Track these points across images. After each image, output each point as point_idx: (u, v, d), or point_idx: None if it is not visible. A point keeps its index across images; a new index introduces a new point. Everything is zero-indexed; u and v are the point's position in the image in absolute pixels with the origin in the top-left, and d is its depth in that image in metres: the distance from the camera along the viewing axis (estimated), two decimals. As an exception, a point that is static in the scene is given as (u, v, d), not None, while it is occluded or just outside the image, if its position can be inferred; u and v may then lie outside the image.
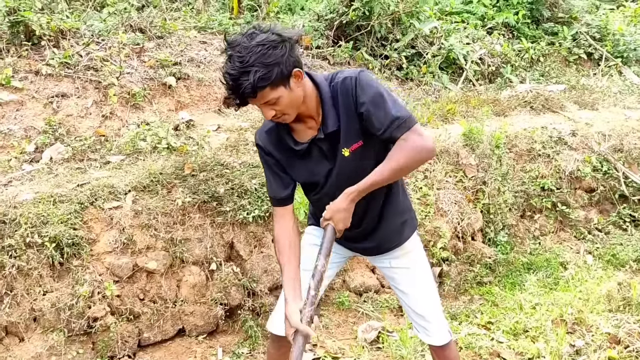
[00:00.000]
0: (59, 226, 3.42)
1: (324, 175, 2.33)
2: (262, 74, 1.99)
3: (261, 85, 2.00)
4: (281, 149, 2.33)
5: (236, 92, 2.03)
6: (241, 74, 1.99)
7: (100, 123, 4.83)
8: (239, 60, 2.00)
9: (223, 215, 3.91)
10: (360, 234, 2.51)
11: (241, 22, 7.22)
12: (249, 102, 2.07)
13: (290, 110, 2.14)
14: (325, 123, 2.23)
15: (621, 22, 9.48)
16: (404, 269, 2.60)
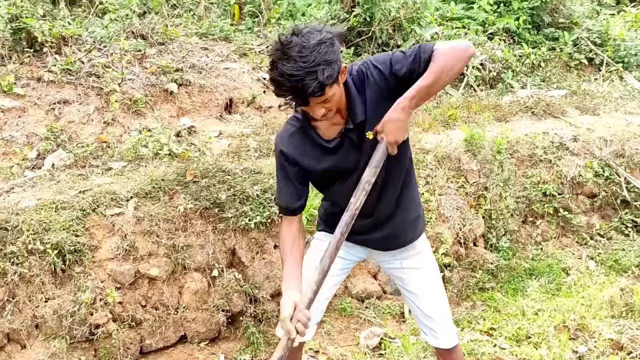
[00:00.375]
0: (60, 233, 3.43)
1: (354, 162, 2.34)
2: (329, 72, 1.99)
3: (328, 83, 2.00)
4: (308, 151, 2.31)
5: (300, 92, 2.00)
6: (307, 74, 1.96)
7: (102, 129, 4.84)
8: (302, 61, 1.97)
9: (225, 221, 3.91)
10: (374, 223, 2.48)
11: (242, 29, 7.25)
12: (310, 103, 2.06)
13: (336, 106, 2.16)
14: (354, 112, 2.24)
15: (622, 27, 9.48)
16: (414, 269, 2.59)
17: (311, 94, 2.00)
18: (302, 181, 2.38)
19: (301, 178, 2.37)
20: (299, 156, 2.32)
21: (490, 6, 8.50)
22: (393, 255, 2.61)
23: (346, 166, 2.35)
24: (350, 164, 2.35)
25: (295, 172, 2.35)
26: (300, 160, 2.32)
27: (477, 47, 7.65)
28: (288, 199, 2.39)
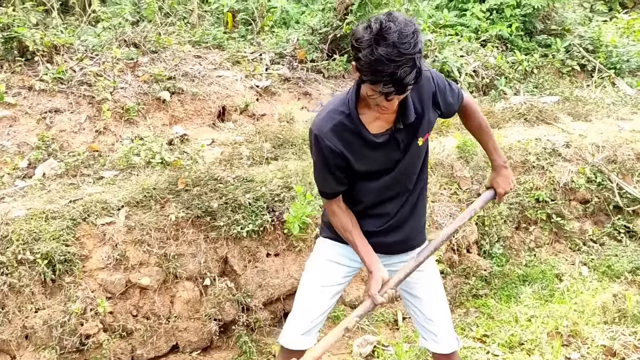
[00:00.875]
0: (51, 243, 3.41)
1: (393, 163, 2.36)
2: (422, 67, 2.00)
3: (420, 78, 2.03)
4: (352, 142, 2.28)
5: (399, 79, 1.95)
6: (407, 61, 1.93)
7: (94, 138, 4.83)
8: (402, 47, 1.92)
9: (217, 230, 3.90)
10: (393, 226, 2.50)
11: (235, 36, 7.25)
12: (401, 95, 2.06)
13: None
14: (405, 114, 2.24)
15: (614, 34, 9.53)
16: (419, 272, 2.56)
17: (409, 83, 1.98)
18: (343, 172, 2.35)
19: (343, 169, 2.34)
20: (345, 149, 2.27)
21: (482, 13, 8.53)
22: (399, 259, 2.60)
23: (386, 165, 2.37)
24: (391, 163, 2.37)
25: (338, 164, 2.31)
26: (345, 153, 2.28)
27: (470, 54, 7.68)
28: (334, 186, 2.40)
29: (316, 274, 2.58)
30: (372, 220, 2.50)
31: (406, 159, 2.37)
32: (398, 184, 2.43)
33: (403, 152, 2.35)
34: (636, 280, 4.70)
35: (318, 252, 2.66)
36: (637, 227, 5.27)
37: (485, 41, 8.18)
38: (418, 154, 2.41)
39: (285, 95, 6.14)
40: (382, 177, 2.40)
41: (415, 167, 2.44)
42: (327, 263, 2.59)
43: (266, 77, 6.23)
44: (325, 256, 2.60)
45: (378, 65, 1.94)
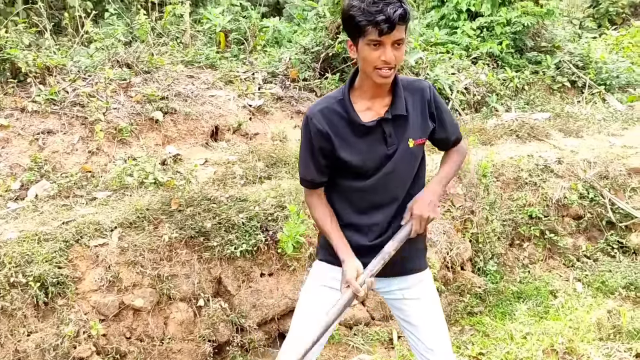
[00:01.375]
0: (43, 265, 3.39)
1: (379, 160, 2.34)
2: (409, 10, 2.16)
3: (408, 17, 2.15)
4: (338, 127, 2.32)
5: (391, 14, 2.08)
6: (397, 2, 2.10)
7: (87, 159, 4.83)
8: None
9: (210, 250, 3.88)
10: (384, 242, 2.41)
11: (228, 56, 7.29)
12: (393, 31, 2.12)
13: (397, 66, 2.23)
14: (395, 106, 2.30)
15: (603, 50, 9.65)
16: (416, 300, 2.51)
17: (400, 17, 2.10)
18: (326, 157, 2.36)
19: (326, 154, 2.35)
20: (331, 131, 2.31)
21: (473, 31, 8.63)
22: (397, 284, 2.52)
23: (372, 161, 2.34)
24: (376, 159, 2.34)
25: (322, 147, 2.34)
26: (331, 135, 2.32)
27: (462, 72, 7.75)
28: (314, 173, 2.40)
29: (311, 301, 2.48)
30: (362, 233, 2.43)
31: (395, 159, 2.33)
32: (386, 190, 2.37)
33: (390, 148, 2.32)
34: (630, 296, 4.71)
35: (313, 276, 2.59)
36: (630, 243, 5.28)
37: (476, 59, 8.26)
38: (408, 158, 2.36)
39: (278, 114, 6.16)
40: (368, 177, 2.36)
41: (406, 174, 2.38)
42: (322, 289, 2.50)
43: (259, 96, 6.25)
44: (320, 281, 2.53)
45: (369, 6, 2.10)
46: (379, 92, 2.32)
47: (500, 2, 8.62)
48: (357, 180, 2.39)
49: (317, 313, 2.42)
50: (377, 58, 2.17)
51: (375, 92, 2.32)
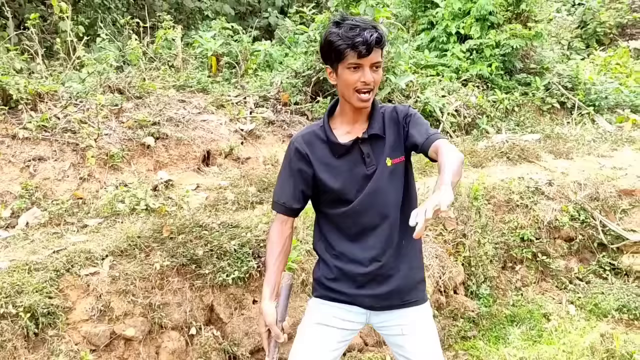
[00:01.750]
0: (34, 295, 3.35)
1: (359, 181, 2.37)
2: (384, 35, 2.26)
3: (384, 42, 2.26)
4: (318, 150, 2.39)
5: (368, 38, 2.18)
6: (372, 26, 2.22)
7: (78, 185, 4.81)
8: (361, 20, 2.25)
9: (202, 278, 3.86)
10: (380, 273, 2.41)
11: (219, 80, 7.32)
12: (370, 54, 2.21)
13: (376, 88, 2.31)
14: (372, 126, 2.38)
15: (591, 71, 9.76)
16: (415, 335, 2.47)
17: (376, 41, 2.20)
18: (305, 183, 2.42)
19: (303, 177, 2.41)
20: (310, 152, 2.39)
21: (463, 53, 8.71)
22: (396, 320, 2.48)
23: (350, 184, 2.37)
24: (355, 182, 2.37)
25: (300, 168, 2.40)
26: (310, 157, 2.39)
27: (452, 94, 7.81)
28: (288, 196, 2.44)
29: (307, 340, 2.45)
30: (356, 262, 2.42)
31: (375, 178, 2.35)
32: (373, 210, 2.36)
33: (369, 169, 2.36)
34: (623, 319, 4.72)
35: (308, 313, 2.56)
36: (622, 264, 5.29)
37: (466, 81, 8.33)
38: (390, 177, 2.37)
39: (270, 138, 6.17)
40: (352, 200, 2.37)
41: (391, 193, 2.37)
42: (317, 327, 2.46)
43: (250, 120, 6.27)
44: (316, 319, 2.49)
45: (347, 32, 2.20)
46: (358, 117, 2.39)
47: (489, 25, 8.72)
48: (342, 205, 2.40)
49: (313, 352, 2.40)
50: (356, 80, 2.25)
51: (355, 117, 2.39)
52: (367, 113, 2.40)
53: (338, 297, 2.47)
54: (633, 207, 5.48)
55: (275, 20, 12.12)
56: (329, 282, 2.48)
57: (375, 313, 2.50)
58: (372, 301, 2.45)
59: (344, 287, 2.45)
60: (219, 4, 11.98)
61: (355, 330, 2.56)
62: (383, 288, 2.43)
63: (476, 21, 8.71)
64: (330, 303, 2.48)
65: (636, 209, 5.46)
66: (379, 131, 2.37)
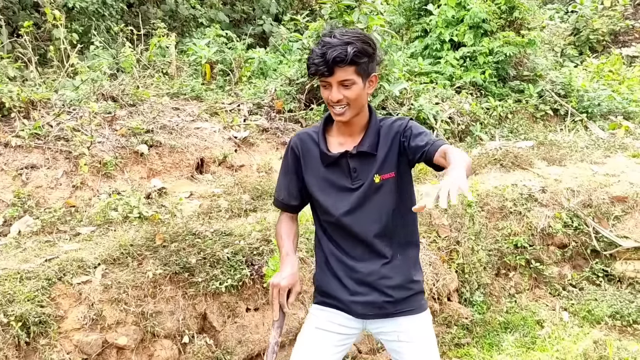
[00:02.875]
0: (25, 304, 3.34)
1: (340, 192, 2.40)
2: (358, 51, 2.20)
3: (353, 59, 2.20)
4: (310, 152, 2.46)
5: (328, 57, 2.18)
6: (341, 44, 2.18)
7: (71, 193, 4.79)
8: (339, 35, 2.22)
9: (195, 286, 3.85)
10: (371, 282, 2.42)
11: (213, 87, 7.32)
12: (333, 73, 2.21)
13: (353, 105, 2.29)
14: (363, 143, 2.38)
15: (584, 78, 9.80)
16: (411, 342, 2.47)
17: (335, 60, 2.18)
18: (296, 179, 2.50)
19: (296, 176, 2.50)
20: (302, 152, 2.47)
21: (456, 61, 8.74)
22: (391, 327, 2.49)
23: (331, 193, 2.41)
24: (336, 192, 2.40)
25: (294, 167, 2.49)
26: (300, 156, 2.47)
27: (446, 101, 7.83)
28: (286, 195, 2.53)
29: (306, 345, 2.49)
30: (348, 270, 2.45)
31: (360, 194, 2.37)
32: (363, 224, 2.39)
33: (355, 183, 2.38)
34: (616, 325, 4.73)
35: (308, 319, 2.60)
36: (615, 271, 5.31)
37: (459, 88, 8.36)
38: (378, 193, 2.37)
39: (264, 145, 6.17)
40: (337, 211, 2.40)
41: (376, 210, 2.37)
42: (316, 332, 2.50)
43: (244, 127, 6.27)
44: (314, 324, 2.53)
45: (317, 51, 2.23)
46: (352, 129, 2.41)
47: (482, 33, 8.75)
48: (329, 215, 2.44)
49: (312, 356, 2.42)
50: (327, 97, 2.29)
51: (344, 130, 2.42)
52: (362, 126, 2.40)
53: (333, 302, 2.51)
54: (626, 214, 5.50)
55: (270, 27, 12.13)
56: (324, 288, 2.54)
57: (370, 320, 2.51)
58: (364, 309, 2.46)
59: (337, 293, 2.48)
60: (214, 12, 11.99)
61: (352, 335, 2.57)
62: (374, 297, 2.44)
63: (469, 29, 8.74)
64: (327, 309, 2.52)
65: (629, 215, 5.48)
66: (369, 149, 2.37)
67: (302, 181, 2.49)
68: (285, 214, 2.60)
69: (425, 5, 9.55)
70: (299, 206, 2.56)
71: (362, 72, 2.25)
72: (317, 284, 2.59)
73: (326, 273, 2.51)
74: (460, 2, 8.82)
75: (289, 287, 2.38)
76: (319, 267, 2.58)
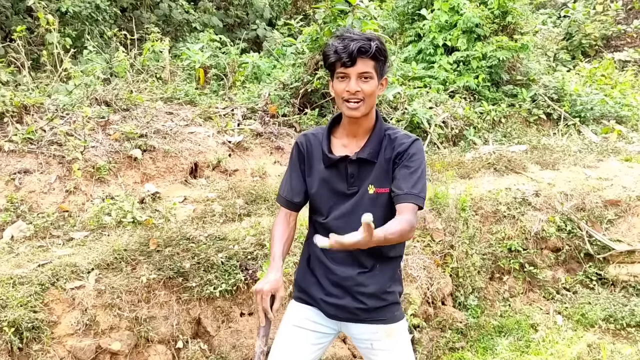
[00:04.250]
0: (18, 310, 3.32)
1: (335, 195, 2.42)
2: (379, 47, 2.26)
3: (375, 54, 2.25)
4: (314, 151, 2.48)
5: (352, 48, 2.22)
6: (364, 39, 2.24)
7: (64, 198, 4.78)
8: (359, 33, 2.28)
9: (189, 290, 3.84)
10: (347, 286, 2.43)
11: (207, 92, 7.32)
12: (355, 63, 2.24)
13: (367, 101, 2.30)
14: (364, 149, 2.38)
15: (577, 83, 9.84)
16: (385, 351, 2.48)
17: (360, 50, 2.22)
18: (298, 177, 2.53)
19: (298, 173, 2.53)
20: (306, 151, 2.50)
21: (450, 65, 8.76)
22: (366, 334, 2.50)
23: (325, 194, 2.43)
24: (331, 194, 2.42)
25: (300, 165, 2.52)
26: (304, 154, 2.50)
27: (439, 106, 7.84)
28: (289, 191, 2.54)
29: (282, 343, 2.50)
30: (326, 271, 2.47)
31: (354, 201, 2.38)
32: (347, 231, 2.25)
33: (350, 189, 2.38)
34: (610, 329, 4.73)
35: (286, 315, 2.61)
36: (609, 275, 5.32)
37: (453, 92, 8.37)
38: (369, 204, 2.36)
39: (258, 150, 6.17)
40: (328, 213, 2.42)
41: None
42: (292, 329, 2.52)
43: (238, 132, 6.27)
44: (292, 321, 2.54)
45: (337, 43, 2.27)
46: (357, 132, 2.41)
47: (475, 37, 8.79)
48: (320, 215, 2.47)
49: (289, 354, 2.43)
50: (343, 90, 2.30)
51: (353, 131, 2.42)
52: (368, 129, 2.40)
53: (308, 300, 2.54)
54: (619, 218, 5.52)
55: (264, 32, 12.15)
56: (301, 284, 2.58)
57: (343, 323, 2.54)
58: (336, 311, 2.49)
59: (312, 291, 2.51)
60: (207, 16, 11.99)
61: (328, 334, 2.58)
62: (347, 301, 2.46)
63: (463, 33, 8.77)
64: (304, 305, 2.55)
65: (622, 219, 5.50)
66: (370, 156, 2.37)
67: (305, 179, 2.52)
68: (283, 213, 2.58)
69: (418, 10, 9.58)
70: (300, 203, 2.56)
71: (379, 70, 2.30)
72: (296, 279, 2.63)
73: (306, 270, 2.55)
74: (453, 7, 8.85)
75: (272, 293, 2.36)
76: (301, 263, 2.63)
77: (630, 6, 14.34)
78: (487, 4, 8.99)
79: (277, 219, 2.60)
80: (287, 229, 2.56)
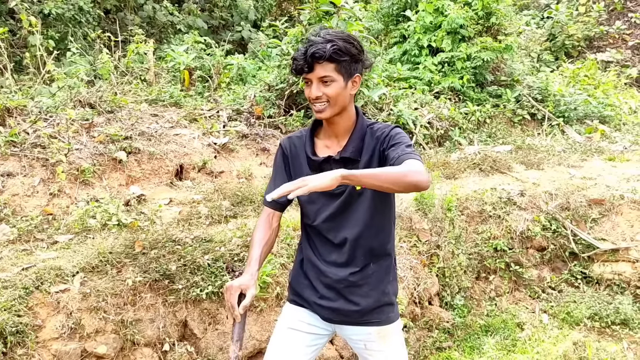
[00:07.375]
0: (2, 314, 3.27)
1: (323, 197, 2.40)
2: (338, 49, 2.21)
3: (332, 56, 2.21)
4: (298, 154, 2.48)
5: (308, 54, 2.21)
6: (322, 42, 2.21)
7: (48, 201, 4.73)
8: (324, 34, 2.25)
9: (175, 293, 3.81)
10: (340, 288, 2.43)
11: (192, 94, 7.29)
12: (313, 69, 2.23)
13: (333, 102, 2.28)
14: (346, 148, 2.37)
15: (561, 83, 9.93)
16: (379, 351, 2.50)
17: (314, 56, 2.20)
18: (282, 179, 2.47)
19: (282, 175, 2.51)
20: (290, 153, 2.50)
21: (435, 66, 8.80)
22: (359, 335, 2.51)
23: (313, 198, 2.41)
24: (319, 196, 2.39)
25: (285, 167, 2.52)
26: (288, 157, 2.50)
27: (425, 106, 7.87)
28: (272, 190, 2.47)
29: (277, 345, 2.50)
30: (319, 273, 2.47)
31: (342, 200, 2.37)
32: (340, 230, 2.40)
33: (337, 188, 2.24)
34: (595, 327, 4.77)
35: (281, 318, 2.61)
36: (593, 273, 5.36)
37: (438, 93, 8.41)
38: (358, 200, 2.37)
39: (244, 151, 6.15)
40: (317, 215, 2.42)
41: (355, 217, 2.38)
42: (287, 331, 2.52)
43: (224, 134, 6.25)
44: (286, 323, 2.55)
45: (301, 47, 2.28)
46: (335, 131, 2.41)
47: (460, 39, 8.83)
48: (310, 218, 2.47)
49: (284, 356, 2.43)
50: (308, 94, 2.31)
51: (331, 131, 2.42)
52: (348, 128, 2.39)
53: (303, 303, 2.55)
54: (603, 216, 5.56)
55: (248, 34, 12.12)
56: (295, 287, 2.58)
57: (337, 325, 2.54)
58: (330, 314, 2.49)
59: (306, 294, 2.52)
60: (192, 18, 11.94)
61: (323, 335, 2.58)
62: (340, 304, 2.46)
63: (447, 34, 8.82)
64: (298, 308, 2.56)
65: (606, 218, 5.55)
66: (352, 154, 2.35)
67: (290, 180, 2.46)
68: (266, 214, 2.54)
69: (403, 11, 9.62)
70: (284, 203, 2.54)
71: (343, 70, 2.25)
72: (290, 282, 2.64)
73: (300, 273, 2.55)
74: (437, 8, 8.89)
75: (241, 290, 2.29)
76: (294, 266, 2.63)
77: (612, 7, 14.48)
78: (471, 5, 9.04)
79: (259, 221, 2.55)
80: (268, 231, 2.52)
